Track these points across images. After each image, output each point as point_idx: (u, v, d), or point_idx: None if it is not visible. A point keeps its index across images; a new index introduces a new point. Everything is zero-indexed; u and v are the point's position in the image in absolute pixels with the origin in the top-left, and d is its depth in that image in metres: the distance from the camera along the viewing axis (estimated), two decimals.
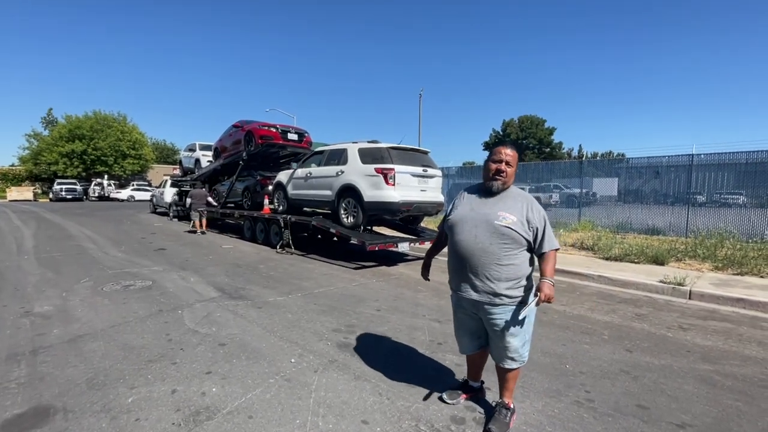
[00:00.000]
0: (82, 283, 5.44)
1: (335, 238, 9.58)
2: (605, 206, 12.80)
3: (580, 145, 63.71)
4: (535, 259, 2.24)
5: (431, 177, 7.32)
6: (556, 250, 2.17)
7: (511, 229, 2.07)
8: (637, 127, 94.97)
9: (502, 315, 2.14)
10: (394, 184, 6.69)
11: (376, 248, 6.78)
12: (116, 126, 35.92)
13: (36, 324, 3.84)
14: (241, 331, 3.69)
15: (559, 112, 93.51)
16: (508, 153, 2.16)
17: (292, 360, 3.09)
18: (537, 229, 2.11)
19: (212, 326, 3.82)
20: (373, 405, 2.46)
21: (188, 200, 12.39)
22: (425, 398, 2.53)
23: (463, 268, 2.19)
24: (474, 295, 2.17)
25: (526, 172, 14.28)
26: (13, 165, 39.30)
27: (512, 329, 2.15)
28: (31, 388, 2.62)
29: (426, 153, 7.73)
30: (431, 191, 7.34)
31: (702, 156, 10.63)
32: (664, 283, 5.58)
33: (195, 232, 11.50)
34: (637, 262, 7.20)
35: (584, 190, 13.32)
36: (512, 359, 2.20)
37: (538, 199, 14.56)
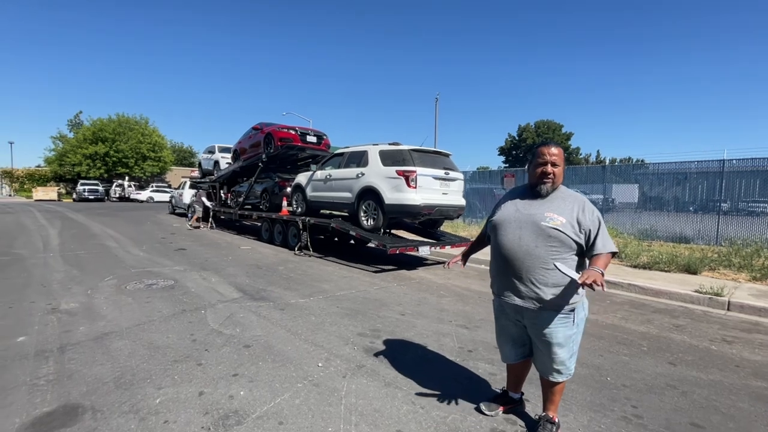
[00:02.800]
0: (105, 281, 5.48)
1: (352, 241, 9.51)
2: (626, 213, 12.40)
3: (598, 151, 62.63)
4: (586, 264, 2.10)
5: (453, 180, 7.19)
6: (614, 254, 2.01)
7: (560, 230, 1.94)
8: (656, 133, 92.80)
9: (549, 323, 2.01)
10: (415, 187, 6.58)
11: (397, 252, 6.68)
12: (137, 129, 36.82)
13: (63, 321, 3.85)
14: (265, 333, 3.63)
15: (577, 117, 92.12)
16: (553, 153, 2.02)
17: (319, 364, 3.00)
18: (590, 231, 1.97)
19: (236, 327, 3.76)
20: (407, 414, 2.35)
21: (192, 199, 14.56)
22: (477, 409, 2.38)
23: (506, 272, 2.07)
24: (518, 301, 2.04)
25: None
26: (39, 166, 40.62)
27: (560, 339, 2.01)
28: (59, 385, 2.59)
29: (448, 156, 7.61)
30: (453, 194, 7.21)
31: (734, 162, 10.21)
32: (700, 293, 5.32)
33: (198, 227, 13.02)
34: (668, 271, 6.91)
35: (605, 196, 12.96)
36: (558, 372, 2.06)
37: None
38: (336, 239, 9.57)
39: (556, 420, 2.15)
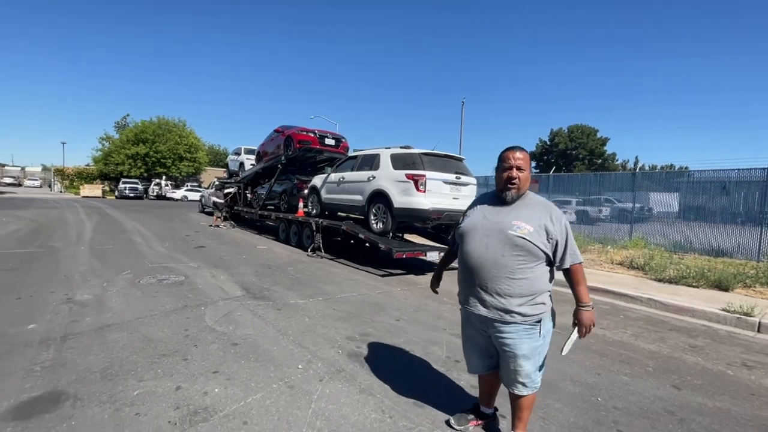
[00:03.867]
0: (123, 275, 5.76)
1: (367, 244, 9.52)
2: (662, 223, 11.65)
3: (636, 157, 59.55)
4: (555, 274, 1.99)
5: (465, 185, 7.05)
6: (580, 263, 1.90)
7: (527, 239, 1.84)
8: (703, 140, 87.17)
9: (513, 335, 1.91)
10: (424, 191, 6.50)
11: (404, 256, 6.61)
12: (176, 131, 38.69)
13: (73, 311, 4.07)
14: (256, 332, 3.68)
15: (614, 122, 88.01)
16: (518, 157, 1.94)
17: (300, 366, 3.00)
18: (557, 241, 1.87)
19: (230, 325, 3.84)
20: (373, 423, 2.30)
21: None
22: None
23: (472, 281, 1.99)
24: (483, 311, 1.95)
25: (572, 183, 13.46)
26: (88, 164, 43.50)
27: (525, 351, 1.91)
28: (52, 373, 2.73)
29: (461, 160, 7.47)
30: (465, 199, 7.05)
31: None
32: (728, 311, 4.91)
33: (218, 226, 13.47)
34: (696, 286, 6.44)
35: (638, 205, 12.27)
36: (523, 384, 1.95)
37: (585, 213, 13.61)
38: (352, 242, 9.60)
39: None
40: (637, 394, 2.82)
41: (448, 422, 2.31)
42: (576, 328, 1.99)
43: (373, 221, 7.32)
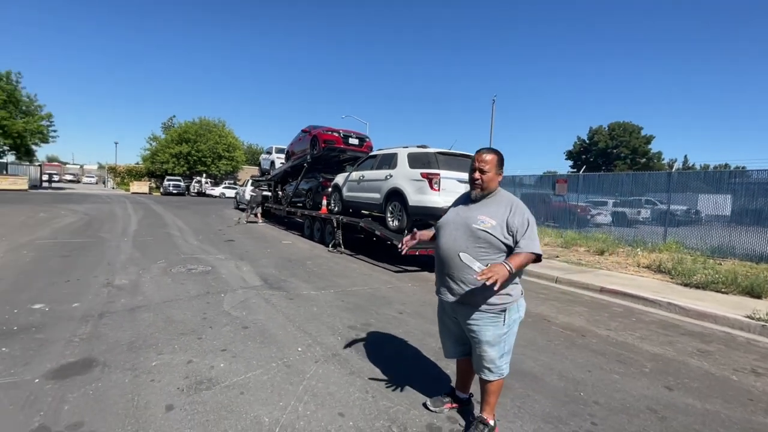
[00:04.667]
0: (157, 264, 6.32)
1: (389, 242, 9.72)
2: (709, 226, 10.89)
3: (685, 156, 55.87)
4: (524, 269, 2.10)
5: None
6: (537, 255, 1.97)
7: (488, 233, 1.98)
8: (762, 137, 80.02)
9: (479, 322, 2.05)
10: (438, 190, 6.61)
11: (416, 253, 6.74)
12: (215, 131, 40.72)
13: (111, 293, 4.58)
14: (266, 318, 3.99)
15: (661, 119, 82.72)
16: (482, 160, 2.09)
17: (299, 349, 3.26)
18: (516, 232, 1.98)
19: (244, 311, 4.18)
20: (356, 400, 2.50)
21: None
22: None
23: (442, 271, 2.15)
24: (451, 299, 2.11)
25: (603, 183, 12.92)
26: (137, 163, 46.73)
27: (489, 338, 2.04)
28: (87, 343, 3.16)
29: None
30: None
31: None
32: (752, 318, 4.69)
33: (255, 222, 14.11)
34: (725, 292, 6.12)
35: (683, 207, 11.62)
36: (489, 370, 2.08)
37: (623, 214, 13.02)
38: (374, 239, 9.84)
39: (491, 422, 2.16)
40: (624, 392, 2.84)
41: (425, 404, 2.47)
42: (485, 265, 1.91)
43: (389, 219, 7.52)
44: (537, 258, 1.97)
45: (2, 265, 5.67)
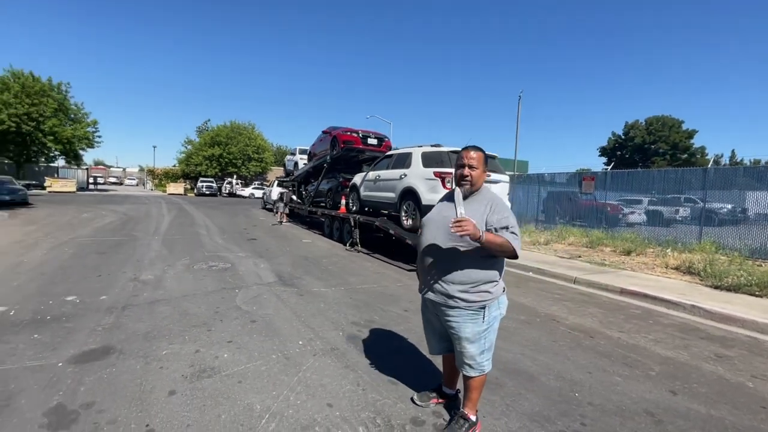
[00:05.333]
0: (181, 261, 6.68)
1: (408, 242, 9.76)
2: (752, 225, 10.16)
3: (732, 151, 52.16)
4: (504, 263, 2.12)
5: (495, 182, 6.98)
6: (513, 249, 1.94)
7: None
8: None
9: (458, 318, 2.08)
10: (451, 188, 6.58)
11: None
12: (245, 134, 42.14)
13: (137, 288, 4.91)
14: (274, 313, 4.16)
15: (705, 112, 77.59)
16: (471, 156, 2.12)
17: (300, 342, 3.39)
18: (495, 228, 1.99)
19: (254, 305, 4.37)
20: (346, 392, 2.59)
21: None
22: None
23: (423, 269, 2.20)
24: (431, 296, 2.15)
25: (632, 180, 12.32)
26: (174, 165, 49.12)
27: (468, 335, 2.07)
28: (108, 333, 3.42)
29: (493, 158, 7.39)
30: None
31: None
32: None
33: (281, 222, 14.18)
34: (759, 295, 5.75)
35: (729, 206, 10.93)
36: (470, 366, 2.11)
37: (658, 213, 12.34)
38: (393, 238, 9.92)
39: (472, 418, 2.18)
40: (622, 395, 2.77)
41: (412, 399, 2.52)
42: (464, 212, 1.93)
43: (403, 218, 7.57)
44: (513, 254, 1.96)
45: (45, 260, 6.20)
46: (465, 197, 2.15)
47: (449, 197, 2.28)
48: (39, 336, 3.28)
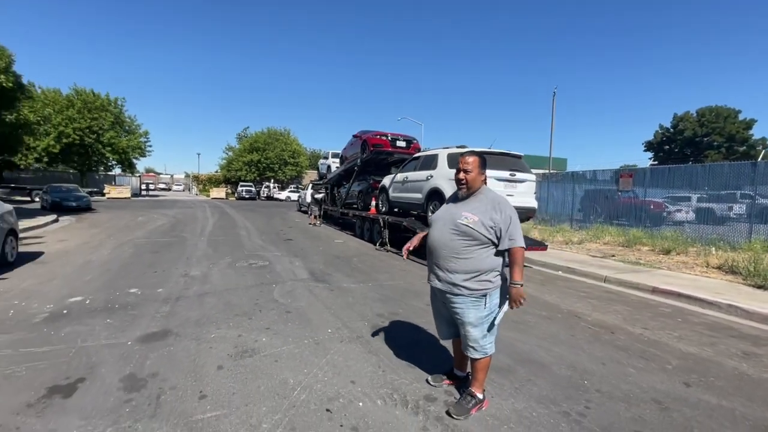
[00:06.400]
0: (224, 259, 7.30)
1: None
2: None
3: None
4: (506, 259, 2.35)
5: (520, 182, 7.06)
6: (522, 248, 2.22)
7: (471, 227, 2.25)
8: None
9: (461, 305, 2.32)
10: None
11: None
12: (281, 139, 43.86)
13: (187, 282, 5.49)
14: (307, 305, 4.55)
15: (765, 101, 71.00)
16: (466, 162, 2.38)
17: (329, 330, 3.74)
18: (500, 228, 2.23)
19: (289, 298, 4.79)
20: (368, 373, 2.90)
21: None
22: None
23: (431, 260, 2.46)
24: (438, 285, 2.41)
25: (673, 177, 11.71)
26: (216, 171, 51.96)
27: (472, 320, 2.31)
28: (166, 319, 3.95)
29: (519, 157, 7.46)
30: (520, 196, 7.06)
31: None
32: None
33: (315, 224, 14.82)
34: None
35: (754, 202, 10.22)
36: (474, 348, 2.35)
37: (711, 210, 11.61)
38: None
39: (479, 395, 2.41)
40: (633, 384, 2.87)
41: (427, 380, 2.78)
42: (507, 302, 2.30)
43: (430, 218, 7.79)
44: (523, 252, 2.23)
45: (110, 258, 7.01)
46: (465, 197, 2.40)
47: (455, 198, 2.53)
48: (111, 321, 3.85)
